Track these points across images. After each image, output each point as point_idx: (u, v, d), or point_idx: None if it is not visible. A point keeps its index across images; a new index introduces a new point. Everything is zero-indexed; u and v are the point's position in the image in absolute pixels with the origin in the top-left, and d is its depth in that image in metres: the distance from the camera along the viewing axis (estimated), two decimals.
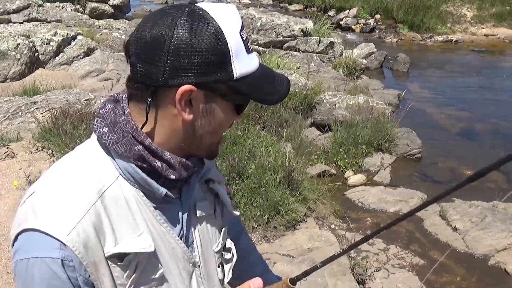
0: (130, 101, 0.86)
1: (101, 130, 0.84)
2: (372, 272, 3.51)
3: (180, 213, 0.94)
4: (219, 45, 0.79)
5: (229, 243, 1.10)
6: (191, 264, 0.96)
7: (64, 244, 0.76)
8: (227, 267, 1.09)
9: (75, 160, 0.87)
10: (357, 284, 3.30)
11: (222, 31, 0.79)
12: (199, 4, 0.82)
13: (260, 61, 0.90)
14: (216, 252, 1.05)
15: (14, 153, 4.21)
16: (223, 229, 1.08)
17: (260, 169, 4.10)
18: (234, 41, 0.80)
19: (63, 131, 4.33)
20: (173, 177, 0.87)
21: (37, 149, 4.31)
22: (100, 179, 0.83)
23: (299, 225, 3.94)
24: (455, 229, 4.09)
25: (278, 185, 4.00)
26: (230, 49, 0.80)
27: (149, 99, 0.82)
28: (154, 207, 0.88)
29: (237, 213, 1.11)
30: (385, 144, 5.55)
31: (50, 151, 4.27)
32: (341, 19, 12.98)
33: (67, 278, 0.77)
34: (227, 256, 1.09)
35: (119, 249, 0.82)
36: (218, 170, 1.09)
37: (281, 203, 3.89)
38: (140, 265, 0.85)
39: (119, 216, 0.83)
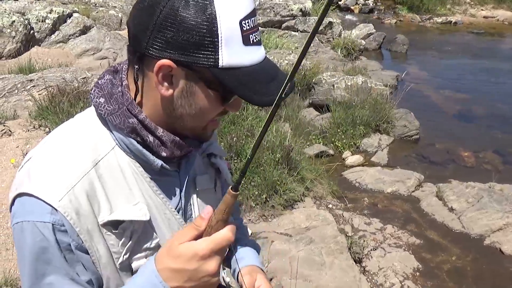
0: (128, 69, 0.86)
1: (97, 100, 0.83)
2: (369, 251, 3.54)
3: (178, 186, 0.94)
4: (209, 27, 0.74)
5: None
6: None
7: (55, 209, 0.77)
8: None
9: (72, 129, 0.87)
10: (354, 263, 3.33)
11: (216, 13, 0.74)
12: None
13: (266, 57, 0.84)
14: None
15: (11, 131, 4.19)
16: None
17: (258, 148, 4.10)
18: (227, 28, 0.75)
19: (60, 109, 4.30)
20: (164, 154, 0.86)
21: (34, 127, 4.29)
22: (95, 148, 0.83)
23: (297, 204, 3.96)
24: (451, 209, 4.12)
25: (276, 165, 4.01)
26: (219, 35, 0.74)
27: (136, 66, 0.81)
28: (150, 178, 0.87)
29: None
30: (383, 125, 5.55)
31: (47, 129, 4.25)
32: (340, 0, 12.85)
33: (55, 242, 0.78)
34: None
35: (113, 217, 0.82)
36: (219, 145, 1.08)
37: (279, 183, 3.90)
38: (136, 234, 0.85)
39: (114, 185, 0.83)
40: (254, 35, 0.79)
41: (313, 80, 6.15)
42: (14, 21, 6.55)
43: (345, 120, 5.40)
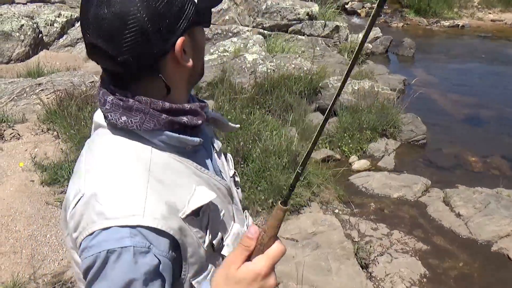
0: (131, 84, 0.87)
1: (121, 120, 0.84)
2: (375, 256, 3.53)
3: (206, 154, 1.00)
4: None
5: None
6: (230, 197, 1.03)
7: (140, 227, 0.77)
8: (239, 189, 1.17)
9: (105, 154, 0.86)
10: (361, 268, 3.32)
11: None
12: None
13: None
14: (231, 177, 1.12)
15: (19, 135, 4.23)
16: (228, 154, 1.17)
17: (265, 153, 4.11)
18: None
19: (68, 113, 4.34)
20: (199, 122, 0.91)
21: (42, 131, 4.33)
22: (139, 158, 0.85)
23: (303, 209, 3.96)
24: (458, 215, 4.11)
25: (282, 169, 4.01)
26: None
27: (159, 75, 0.85)
28: (190, 160, 0.91)
29: (238, 126, 1.17)
30: (389, 129, 5.54)
31: (55, 132, 4.28)
32: (347, 3, 12.83)
33: (145, 264, 0.76)
34: (237, 178, 1.17)
35: (192, 207, 0.84)
36: None
37: (285, 187, 3.90)
38: (211, 214, 0.90)
39: (171, 182, 0.86)
40: None
41: (320, 84, 6.15)
42: (23, 25, 6.62)
43: (351, 124, 5.40)
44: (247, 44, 7.19)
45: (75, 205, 0.81)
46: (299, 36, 8.39)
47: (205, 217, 0.88)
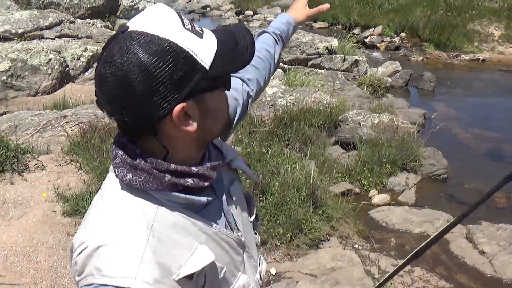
0: (137, 141, 0.88)
1: (126, 178, 0.85)
2: None
3: (219, 206, 1.00)
4: (179, 55, 0.79)
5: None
6: (242, 248, 1.04)
7: None
8: (257, 234, 1.19)
9: (113, 208, 0.88)
10: None
11: (172, 41, 0.78)
12: (132, 29, 0.79)
13: (214, 28, 0.93)
14: (251, 222, 1.14)
15: (43, 165, 4.32)
16: (252, 200, 1.17)
17: (283, 186, 4.11)
18: (186, 41, 0.80)
19: (91, 145, 4.43)
20: (206, 184, 0.91)
21: (65, 162, 4.42)
22: (144, 214, 0.86)
23: (322, 244, 3.91)
24: (482, 252, 4.01)
25: (301, 203, 4.00)
26: (189, 51, 0.80)
27: (156, 136, 0.85)
28: (198, 215, 0.92)
29: (260, 178, 1.20)
30: (410, 163, 5.49)
31: (78, 164, 4.37)
32: (366, 37, 12.97)
33: None
34: (257, 222, 1.20)
35: (185, 272, 0.86)
36: (227, 146, 1.12)
37: (304, 221, 3.88)
38: (208, 274, 0.91)
39: (172, 241, 0.86)
40: (197, 26, 0.86)
41: (339, 118, 6.17)
42: (50, 59, 6.85)
43: (371, 158, 5.37)
44: None
45: (79, 254, 0.85)
46: (319, 70, 8.48)
47: (200, 278, 0.89)
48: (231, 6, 18.53)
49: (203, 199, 0.91)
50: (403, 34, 13.20)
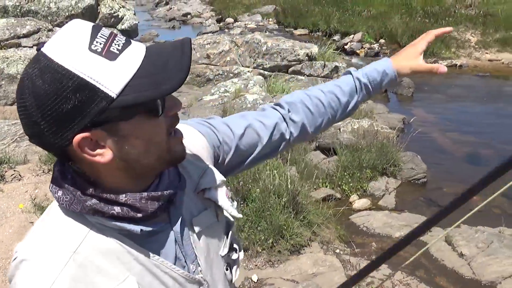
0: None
1: (56, 195, 0.82)
2: None
3: (172, 237, 0.90)
4: (75, 83, 0.70)
5: (236, 244, 1.07)
6: (195, 285, 0.94)
7: None
8: (235, 268, 1.06)
9: (46, 225, 0.85)
10: None
11: (67, 68, 0.70)
12: (43, 49, 0.73)
13: (152, 44, 0.84)
14: (223, 256, 1.03)
15: (20, 176, 4.26)
16: (230, 231, 1.05)
17: (264, 192, 4.11)
18: (87, 66, 0.71)
19: None
20: (139, 215, 0.82)
21: (43, 172, 4.35)
22: (71, 237, 0.82)
23: (304, 249, 3.92)
24: (461, 255, 4.06)
25: (282, 209, 4.00)
26: (88, 78, 0.71)
27: (68, 162, 0.81)
28: (138, 244, 0.84)
29: (240, 215, 1.05)
30: (390, 168, 5.55)
31: None
32: (346, 44, 13.11)
33: None
34: (234, 256, 1.06)
35: None
36: (213, 172, 1.01)
37: (285, 227, 3.88)
38: None
39: (96, 269, 0.81)
40: (114, 45, 0.74)
41: None
42: None
43: (351, 163, 5.42)
44: (247, 84, 7.31)
45: (12, 261, 0.84)
46: (299, 77, 8.54)
47: None
48: (211, 14, 18.55)
49: (136, 228, 0.82)
50: (382, 41, 13.39)
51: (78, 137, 0.74)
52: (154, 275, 0.87)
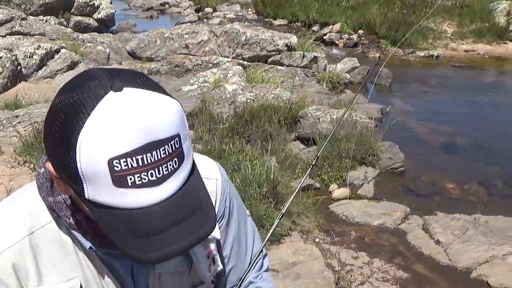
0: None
1: (39, 170, 0.83)
2: (356, 286, 3.52)
3: (129, 264, 0.86)
4: (68, 156, 0.66)
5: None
6: None
7: None
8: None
9: (18, 196, 0.85)
10: None
11: (76, 145, 0.64)
12: (109, 96, 0.65)
13: (169, 199, 0.69)
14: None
15: None
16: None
17: (244, 182, 4.10)
18: (88, 165, 0.64)
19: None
20: (88, 245, 0.80)
21: (18, 164, 4.26)
22: (36, 217, 0.81)
23: (284, 239, 3.94)
24: (438, 242, 4.13)
25: (262, 199, 4.01)
26: (79, 170, 0.65)
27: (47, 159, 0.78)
28: (98, 254, 0.83)
29: (220, 267, 1.01)
30: (368, 157, 5.60)
31: (32, 165, 4.22)
32: (325, 34, 13.13)
33: None
34: None
35: None
36: None
37: (265, 217, 3.89)
38: None
39: (48, 257, 0.80)
40: (140, 176, 0.65)
41: (299, 114, 6.23)
42: (1, 57, 6.59)
43: (331, 153, 5.45)
44: (227, 74, 7.27)
45: None
46: (278, 67, 8.53)
47: None
48: (190, 3, 18.33)
49: (86, 243, 0.80)
50: (360, 31, 13.45)
51: (49, 166, 0.73)
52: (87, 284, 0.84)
